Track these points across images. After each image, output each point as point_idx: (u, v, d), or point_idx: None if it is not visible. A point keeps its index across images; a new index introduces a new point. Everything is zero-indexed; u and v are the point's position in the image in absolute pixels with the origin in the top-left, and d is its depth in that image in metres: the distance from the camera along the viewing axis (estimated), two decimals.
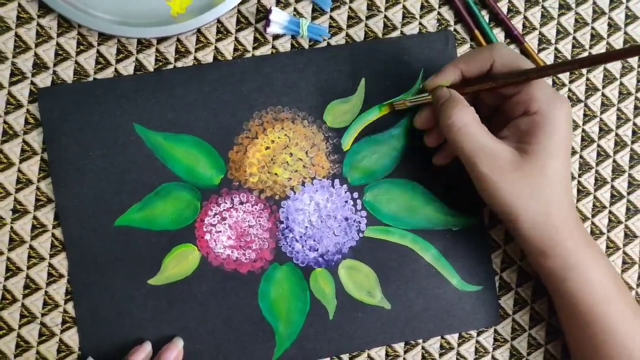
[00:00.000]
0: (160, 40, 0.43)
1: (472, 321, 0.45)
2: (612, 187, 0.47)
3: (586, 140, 0.47)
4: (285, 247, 0.44)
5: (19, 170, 0.42)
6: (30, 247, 0.42)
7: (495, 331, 0.45)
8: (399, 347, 0.45)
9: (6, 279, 0.42)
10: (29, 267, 0.42)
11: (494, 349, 0.45)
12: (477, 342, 0.45)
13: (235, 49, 0.44)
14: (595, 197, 0.47)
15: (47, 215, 0.42)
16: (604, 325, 0.39)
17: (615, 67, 0.47)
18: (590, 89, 0.47)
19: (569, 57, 0.47)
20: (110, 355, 0.42)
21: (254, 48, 0.44)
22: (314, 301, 0.44)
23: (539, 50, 0.47)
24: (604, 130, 0.47)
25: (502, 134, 0.39)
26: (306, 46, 0.44)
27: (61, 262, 0.42)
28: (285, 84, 0.44)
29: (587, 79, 0.47)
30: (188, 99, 0.43)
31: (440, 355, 0.45)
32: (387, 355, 0.44)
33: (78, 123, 0.42)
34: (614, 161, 0.47)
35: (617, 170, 0.47)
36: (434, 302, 0.44)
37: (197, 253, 0.43)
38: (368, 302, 0.44)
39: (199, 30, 0.44)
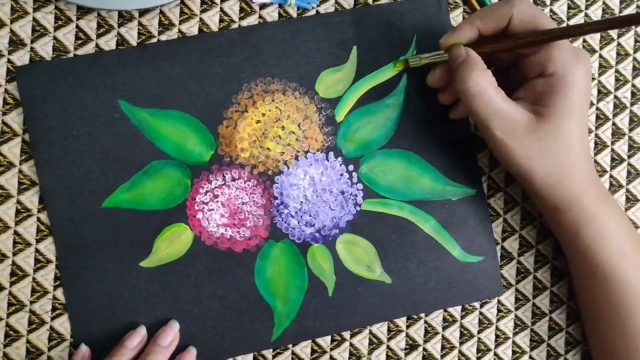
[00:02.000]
0: (142, 12, 0.42)
1: (474, 292, 0.44)
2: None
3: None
4: (280, 224, 0.42)
5: (0, 153, 0.40)
6: (15, 232, 0.40)
7: (499, 302, 0.44)
8: (401, 322, 0.43)
9: None
10: (14, 254, 0.40)
11: (498, 319, 0.44)
12: (481, 313, 0.44)
13: (221, 20, 0.42)
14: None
15: (31, 199, 0.41)
16: (620, 277, 0.38)
17: None
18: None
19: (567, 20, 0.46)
20: (103, 341, 0.40)
21: (241, 18, 0.42)
22: (312, 278, 0.42)
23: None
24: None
25: (518, 95, 0.38)
26: (294, 15, 0.43)
27: (48, 247, 0.41)
28: (275, 55, 0.42)
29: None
30: (174, 73, 0.41)
31: (444, 328, 0.44)
32: (389, 330, 0.43)
33: (60, 102, 0.40)
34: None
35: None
36: (435, 275, 0.43)
37: (190, 233, 0.41)
38: (368, 277, 0.43)
39: (182, 2, 0.42)
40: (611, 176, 0.46)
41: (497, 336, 0.44)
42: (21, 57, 0.40)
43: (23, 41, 0.41)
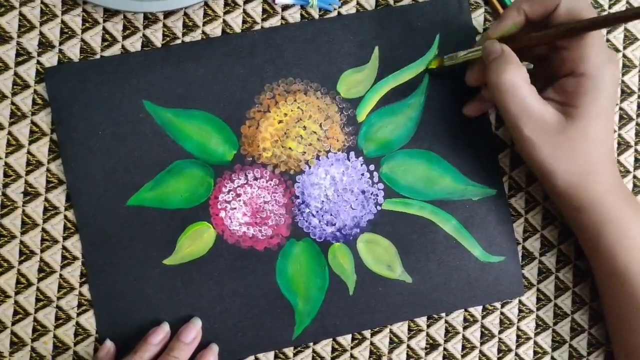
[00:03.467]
0: (167, 14, 0.42)
1: (495, 293, 0.44)
2: None
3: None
4: (301, 223, 0.43)
5: (29, 152, 0.41)
6: (43, 230, 0.41)
7: (520, 302, 0.44)
8: (422, 321, 0.44)
9: (20, 262, 0.41)
10: (42, 251, 0.41)
11: (519, 320, 0.44)
12: (502, 313, 0.44)
13: (244, 21, 0.43)
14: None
15: (58, 197, 0.41)
16: None
17: None
18: None
19: None
20: (127, 337, 0.41)
21: (263, 20, 0.43)
22: (333, 277, 0.43)
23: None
24: None
25: (547, 94, 0.38)
26: (316, 16, 0.43)
27: (75, 245, 0.41)
28: (296, 55, 0.43)
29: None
30: (197, 74, 0.42)
31: (464, 328, 0.44)
32: (409, 330, 0.43)
33: (86, 102, 0.41)
34: None
35: None
36: (455, 275, 0.43)
37: (212, 231, 0.42)
38: (388, 276, 0.43)
39: (206, 4, 0.43)
40: (635, 177, 0.45)
41: (518, 336, 0.44)
42: (50, 59, 0.41)
43: (52, 43, 0.42)
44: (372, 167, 0.43)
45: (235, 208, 0.42)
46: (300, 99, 0.43)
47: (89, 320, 0.41)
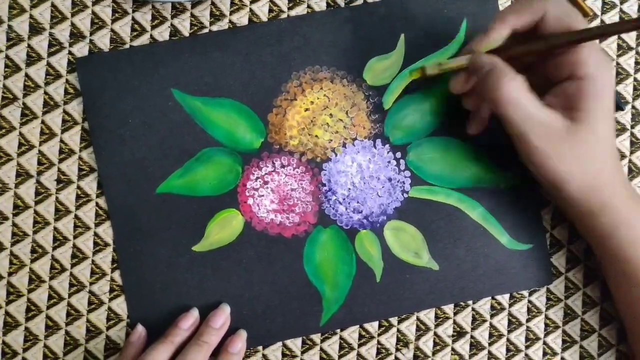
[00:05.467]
0: (195, 4, 0.43)
1: (523, 281, 0.43)
2: None
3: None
4: (328, 210, 0.43)
5: (61, 141, 0.42)
6: (76, 216, 0.42)
7: (548, 290, 0.44)
8: (449, 308, 0.43)
9: (54, 248, 0.42)
10: (75, 237, 0.42)
11: (547, 308, 0.44)
12: (529, 302, 0.44)
13: (270, 10, 0.43)
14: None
15: (90, 185, 0.42)
16: None
17: None
18: None
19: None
20: (158, 322, 0.42)
21: (289, 8, 0.43)
22: (360, 264, 0.43)
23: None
24: None
25: (547, 101, 0.37)
26: (342, 4, 0.43)
27: (106, 231, 0.42)
28: (323, 43, 0.43)
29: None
30: (225, 63, 0.42)
31: (492, 316, 0.44)
32: (436, 317, 0.43)
33: (116, 91, 0.42)
34: None
35: None
36: (483, 262, 0.43)
37: (241, 218, 0.42)
38: (415, 264, 0.43)
39: None
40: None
41: (546, 325, 0.44)
42: (81, 49, 0.42)
43: (83, 34, 0.42)
44: (398, 154, 0.43)
45: (262, 195, 0.43)
46: (327, 87, 0.43)
47: (120, 306, 0.42)
